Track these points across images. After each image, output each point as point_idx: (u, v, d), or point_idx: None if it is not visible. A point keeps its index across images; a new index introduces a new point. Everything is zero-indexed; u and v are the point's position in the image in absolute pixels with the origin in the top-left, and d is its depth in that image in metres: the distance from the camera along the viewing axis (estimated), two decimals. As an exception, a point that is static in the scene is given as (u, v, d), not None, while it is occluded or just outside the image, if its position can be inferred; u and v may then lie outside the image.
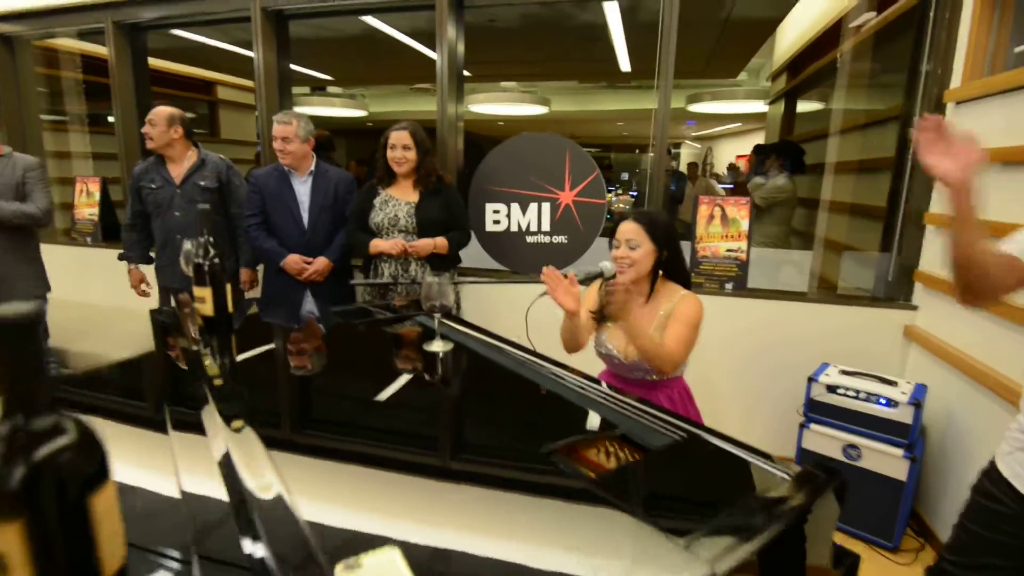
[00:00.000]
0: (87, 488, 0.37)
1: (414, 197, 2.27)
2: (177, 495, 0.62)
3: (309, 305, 2.20)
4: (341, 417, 0.97)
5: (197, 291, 1.23)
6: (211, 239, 1.24)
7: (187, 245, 1.27)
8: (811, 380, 2.03)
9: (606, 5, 3.51)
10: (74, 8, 3.14)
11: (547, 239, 2.53)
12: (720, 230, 2.35)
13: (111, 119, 3.42)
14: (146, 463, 0.71)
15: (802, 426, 2.03)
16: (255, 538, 0.53)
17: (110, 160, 4.00)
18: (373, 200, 2.27)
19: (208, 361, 1.06)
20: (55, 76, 3.95)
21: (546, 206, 2.50)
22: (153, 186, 2.44)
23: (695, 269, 2.39)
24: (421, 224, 2.22)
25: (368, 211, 2.25)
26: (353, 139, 8.71)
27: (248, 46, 2.95)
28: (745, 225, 2.33)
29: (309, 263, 2.34)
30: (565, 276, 1.39)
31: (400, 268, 2.26)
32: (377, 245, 2.21)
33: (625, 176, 11.75)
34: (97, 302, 3.36)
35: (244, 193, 2.47)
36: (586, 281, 1.45)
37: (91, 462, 0.38)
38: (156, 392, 1.12)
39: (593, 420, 0.94)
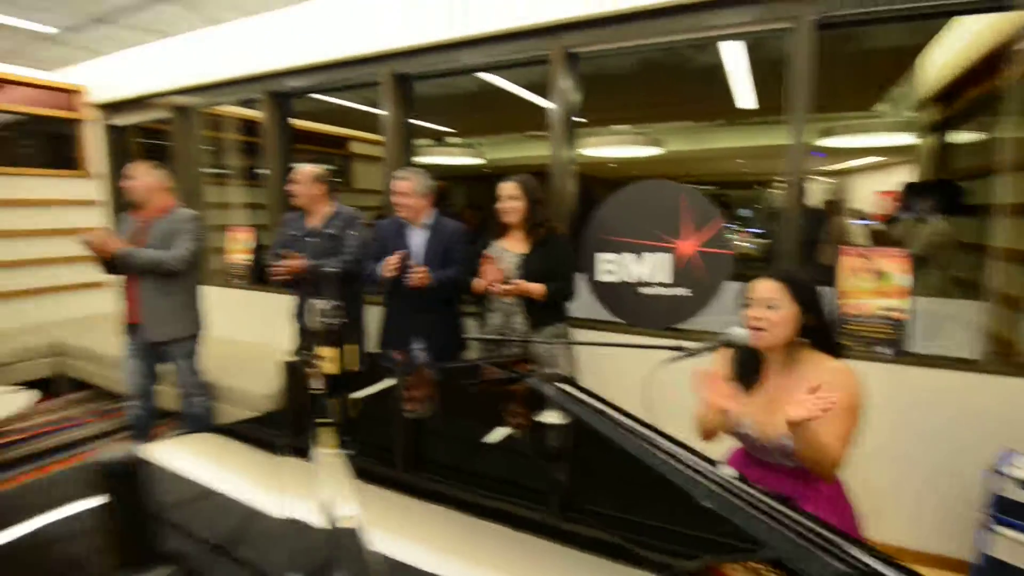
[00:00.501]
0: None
1: (524, 248, 2.27)
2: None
3: (419, 344, 2.26)
4: (446, 475, 0.93)
5: (322, 350, 1.27)
6: (338, 302, 1.29)
7: (316, 304, 1.33)
8: (996, 472, 1.67)
9: (725, 44, 3.38)
10: (235, 82, 3.60)
11: (665, 291, 2.40)
12: (871, 285, 2.07)
13: (257, 172, 3.86)
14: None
15: (987, 528, 1.68)
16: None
17: (261, 209, 4.50)
18: (485, 251, 2.30)
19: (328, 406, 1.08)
20: (217, 137, 4.56)
21: (664, 256, 2.38)
22: (292, 233, 2.68)
23: (838, 328, 2.12)
24: (528, 276, 2.20)
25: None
26: (471, 185, 9.19)
27: (377, 105, 3.19)
28: (902, 280, 2.03)
29: (411, 268, 2.34)
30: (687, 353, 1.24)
31: (504, 319, 2.25)
32: (476, 285, 2.23)
33: (744, 212, 11.14)
34: (246, 339, 3.73)
35: (355, 243, 2.63)
36: (711, 351, 1.31)
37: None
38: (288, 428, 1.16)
39: (732, 529, 0.81)
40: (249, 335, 3.74)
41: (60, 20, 3.15)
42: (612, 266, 2.49)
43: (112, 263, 2.59)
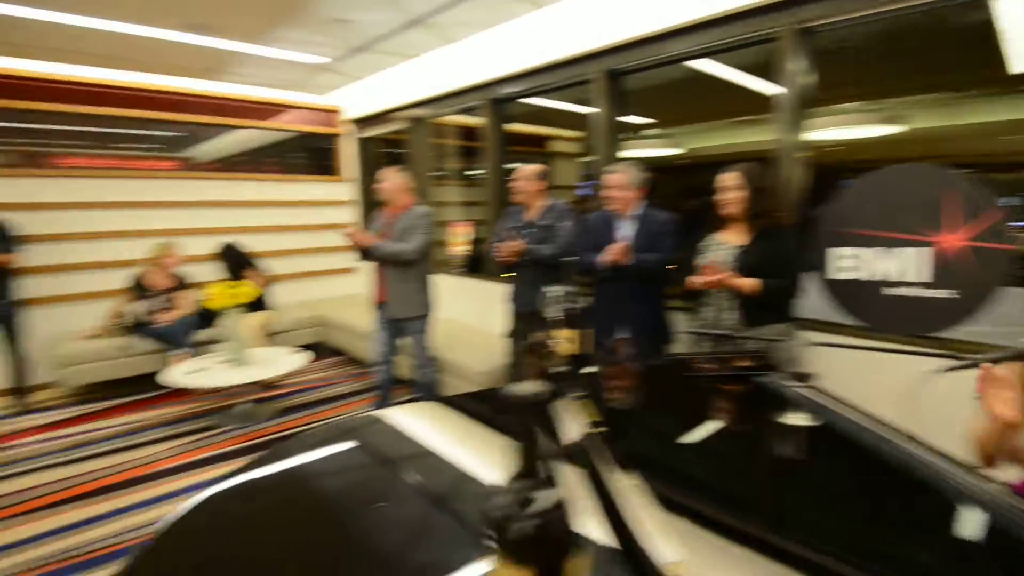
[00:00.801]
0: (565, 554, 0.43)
1: (743, 241, 2.16)
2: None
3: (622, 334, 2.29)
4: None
5: (559, 332, 1.38)
6: (572, 287, 1.38)
7: (550, 290, 1.45)
8: None
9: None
10: (461, 92, 4.01)
11: (921, 292, 2.08)
12: None
13: (467, 173, 4.26)
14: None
15: None
16: None
17: (473, 206, 4.96)
18: (700, 244, 2.25)
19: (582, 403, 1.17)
20: (440, 143, 5.13)
21: (920, 251, 2.06)
22: (512, 225, 2.92)
23: None
24: (744, 270, 2.09)
25: (696, 254, 2.25)
26: (670, 176, 8.94)
27: (578, 103, 3.29)
28: None
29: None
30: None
31: (716, 314, 2.17)
32: (691, 282, 2.18)
33: (1013, 201, 8.97)
34: (464, 321, 4.18)
35: (566, 232, 2.75)
36: (999, 361, 1.11)
37: (570, 532, 0.44)
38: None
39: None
40: (466, 317, 4.16)
41: (332, 52, 3.85)
42: (851, 262, 2.23)
43: (366, 253, 3.11)
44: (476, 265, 4.18)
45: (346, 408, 3.73)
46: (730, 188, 2.16)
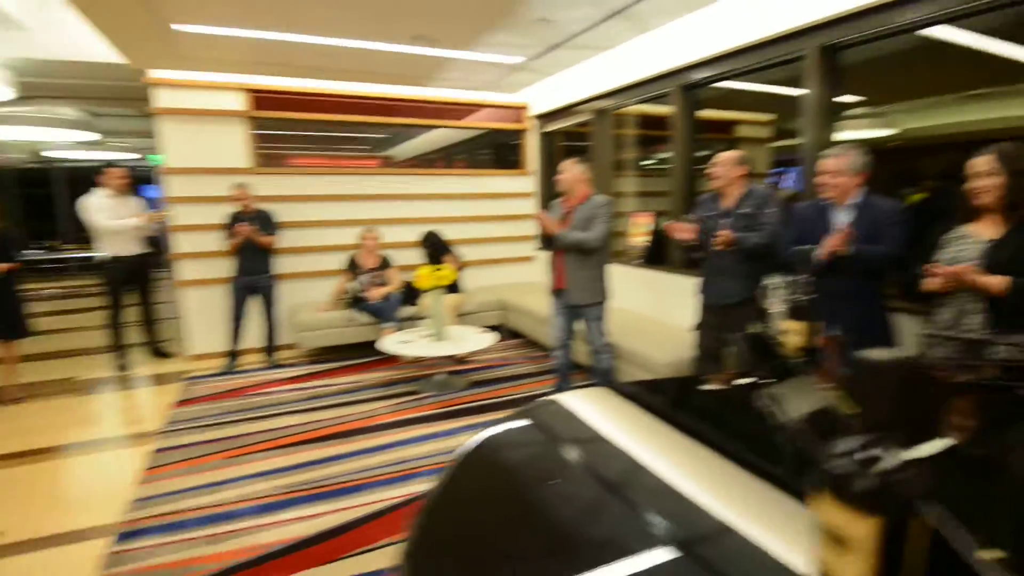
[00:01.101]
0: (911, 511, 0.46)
1: (995, 234, 1.87)
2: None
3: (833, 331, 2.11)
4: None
5: (787, 324, 1.35)
6: (797, 277, 1.34)
7: (772, 281, 1.41)
8: None
9: None
10: (649, 81, 3.97)
11: None
12: None
13: (644, 163, 4.20)
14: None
15: None
16: None
17: (652, 196, 4.90)
18: (944, 237, 1.99)
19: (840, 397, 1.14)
20: (620, 134, 5.13)
21: None
22: (708, 215, 2.82)
23: None
24: (992, 267, 1.81)
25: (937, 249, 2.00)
26: (882, 161, 7.86)
27: (774, 83, 3.04)
28: None
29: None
30: None
31: (956, 316, 1.91)
32: (929, 284, 1.94)
33: None
34: (641, 312, 4.19)
35: (773, 219, 2.59)
36: None
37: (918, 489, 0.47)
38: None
39: None
40: (646, 308, 4.16)
41: (529, 52, 4.07)
42: None
43: (549, 241, 3.27)
44: (656, 256, 4.13)
45: (527, 387, 3.97)
46: (983, 174, 1.88)
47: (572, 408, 1.31)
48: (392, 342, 3.93)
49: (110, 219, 4.31)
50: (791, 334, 1.33)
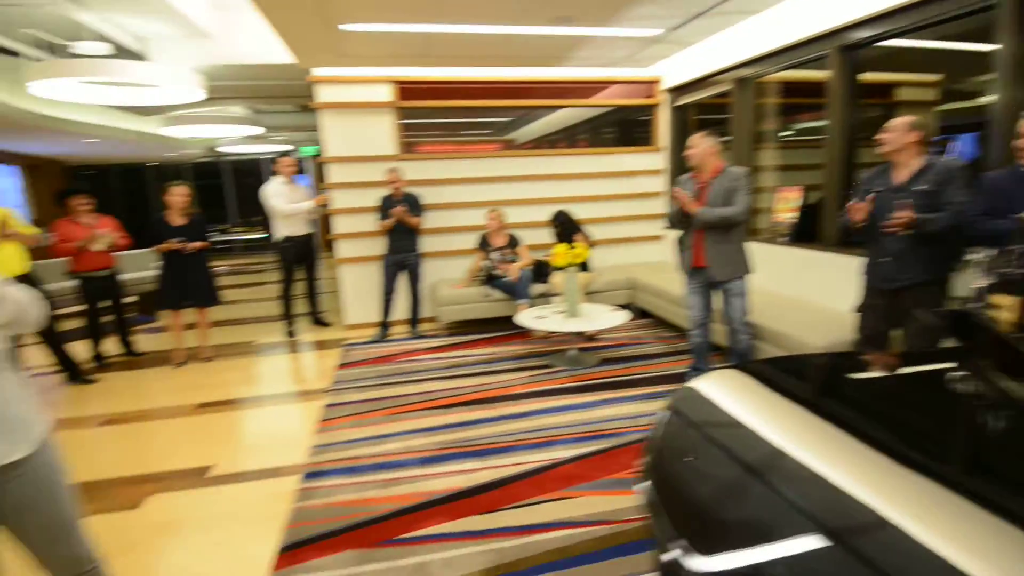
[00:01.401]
0: None
1: None
2: None
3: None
4: None
5: (998, 299, 1.24)
6: (1018, 248, 1.22)
7: (975, 256, 1.30)
8: None
9: None
10: (800, 44, 3.69)
11: None
12: None
13: (784, 135, 3.89)
14: None
15: None
16: None
17: (795, 171, 4.57)
18: None
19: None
20: (762, 103, 4.82)
21: None
22: (877, 190, 2.55)
23: None
24: None
25: None
26: None
27: (949, 39, 2.67)
28: None
29: None
30: None
31: None
32: None
33: None
34: (784, 292, 3.98)
35: (962, 197, 2.30)
36: None
37: None
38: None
39: None
40: (791, 289, 3.93)
41: (669, 23, 3.96)
42: None
43: (685, 219, 3.19)
44: (805, 233, 3.86)
45: (658, 366, 3.94)
46: None
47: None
48: (528, 317, 4.09)
49: (286, 203, 4.89)
50: (1004, 310, 1.23)
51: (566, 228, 4.77)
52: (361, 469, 2.70)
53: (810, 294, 3.78)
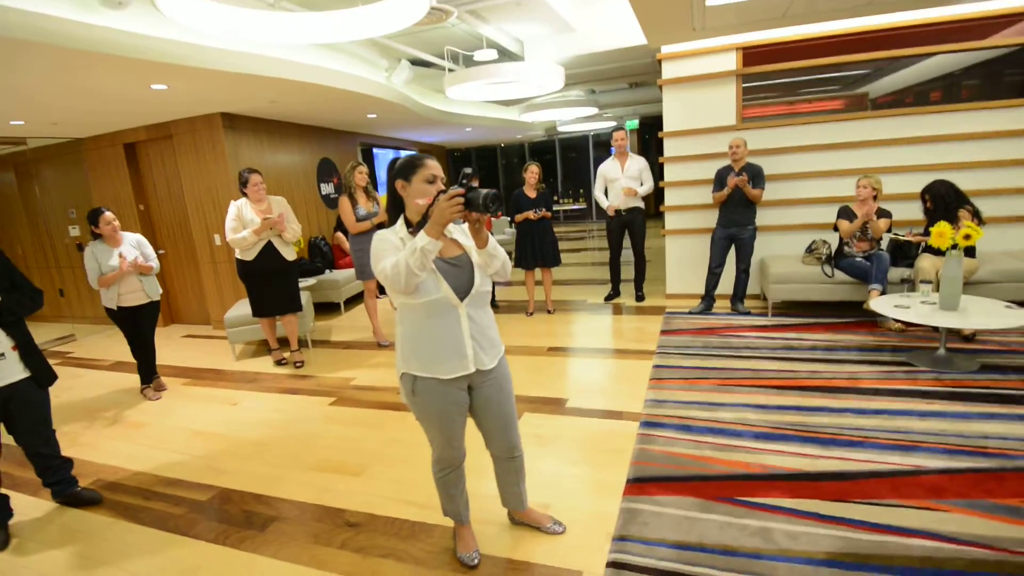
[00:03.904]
0: None
1: None
2: None
3: None
4: None
5: None
6: None
7: None
8: None
9: None
10: None
11: None
12: None
13: None
14: None
15: None
16: None
17: None
18: None
19: None
20: None
21: None
22: None
23: None
24: None
25: None
26: None
27: None
28: None
29: None
30: None
31: None
32: None
33: None
34: None
35: None
36: None
37: None
38: None
39: None
40: None
41: None
42: None
43: None
44: None
45: (1081, 386, 3.04)
46: None
47: None
48: (886, 304, 3.61)
49: (616, 177, 5.31)
50: None
51: (947, 202, 3.97)
52: (696, 429, 2.90)
53: None
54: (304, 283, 5.68)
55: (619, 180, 5.24)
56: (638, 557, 1.99)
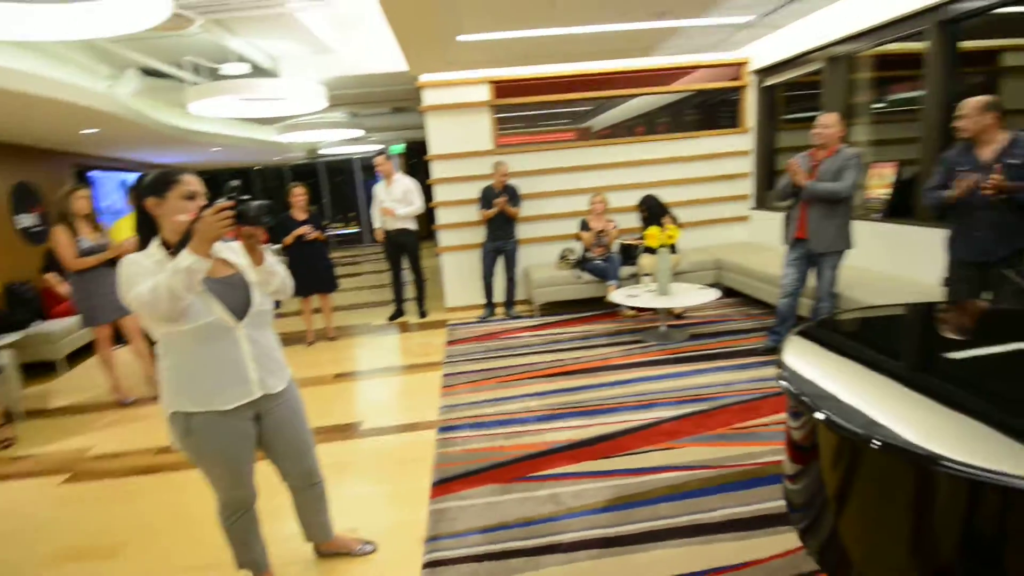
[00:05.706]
0: None
1: None
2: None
3: None
4: None
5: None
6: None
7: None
8: None
9: None
10: (897, 21, 3.72)
11: None
12: None
13: (875, 107, 3.90)
14: None
15: None
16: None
17: (889, 145, 4.54)
18: None
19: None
20: (854, 79, 4.80)
21: None
22: (960, 169, 2.63)
23: None
24: None
25: None
26: None
27: None
28: None
29: None
30: None
31: None
32: None
33: None
34: (872, 267, 4.04)
35: None
36: None
37: None
38: None
39: None
40: (882, 265, 3.98)
41: (763, 8, 4.06)
42: None
43: (795, 191, 3.39)
44: (899, 209, 3.91)
45: (745, 341, 4.13)
46: None
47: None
48: (621, 295, 4.39)
49: (384, 199, 5.38)
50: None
51: (654, 212, 5.00)
52: (487, 424, 3.13)
53: (903, 269, 3.82)
54: (2, 341, 4.46)
55: (385, 202, 5.34)
56: (451, 551, 2.08)
